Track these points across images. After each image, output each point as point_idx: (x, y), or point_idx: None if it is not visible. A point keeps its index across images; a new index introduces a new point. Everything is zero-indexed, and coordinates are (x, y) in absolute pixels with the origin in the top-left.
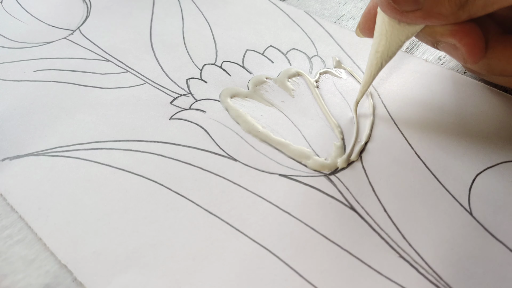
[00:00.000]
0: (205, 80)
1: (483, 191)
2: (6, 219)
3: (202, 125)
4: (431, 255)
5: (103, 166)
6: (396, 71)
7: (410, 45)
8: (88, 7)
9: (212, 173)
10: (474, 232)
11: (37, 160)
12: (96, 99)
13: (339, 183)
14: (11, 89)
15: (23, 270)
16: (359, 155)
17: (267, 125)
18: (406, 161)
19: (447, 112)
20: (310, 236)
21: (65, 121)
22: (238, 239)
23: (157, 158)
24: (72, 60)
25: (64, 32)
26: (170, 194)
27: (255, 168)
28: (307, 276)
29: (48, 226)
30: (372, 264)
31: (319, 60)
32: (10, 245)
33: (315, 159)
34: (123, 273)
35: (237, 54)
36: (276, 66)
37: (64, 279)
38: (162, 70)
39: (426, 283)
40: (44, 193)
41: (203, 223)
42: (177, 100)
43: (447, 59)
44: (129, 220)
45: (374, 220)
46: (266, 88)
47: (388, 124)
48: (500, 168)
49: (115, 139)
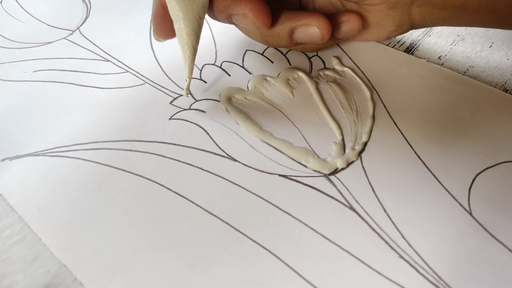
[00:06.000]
0: (204, 80)
1: (483, 191)
2: (6, 219)
3: (202, 125)
4: (431, 255)
5: (103, 166)
6: (396, 71)
7: (410, 45)
8: (88, 7)
9: (212, 173)
10: (473, 232)
11: (37, 160)
12: (95, 99)
13: (339, 183)
14: (11, 89)
15: (23, 270)
16: (358, 155)
17: (267, 125)
18: (406, 161)
19: (447, 112)
20: (310, 236)
21: (64, 121)
22: (238, 239)
23: (157, 158)
24: (72, 60)
25: (64, 32)
26: (170, 194)
27: (255, 168)
28: (307, 276)
29: (48, 226)
30: (372, 264)
31: (319, 60)
32: (10, 245)
33: (315, 159)
34: (123, 273)
35: (237, 54)
36: (276, 66)
37: (64, 279)
38: (162, 70)
39: (426, 283)
40: (44, 193)
41: (203, 223)
42: (177, 100)
43: (447, 59)
44: (129, 220)
45: (374, 220)
46: (266, 88)
47: (388, 124)
48: (500, 168)
49: (115, 139)
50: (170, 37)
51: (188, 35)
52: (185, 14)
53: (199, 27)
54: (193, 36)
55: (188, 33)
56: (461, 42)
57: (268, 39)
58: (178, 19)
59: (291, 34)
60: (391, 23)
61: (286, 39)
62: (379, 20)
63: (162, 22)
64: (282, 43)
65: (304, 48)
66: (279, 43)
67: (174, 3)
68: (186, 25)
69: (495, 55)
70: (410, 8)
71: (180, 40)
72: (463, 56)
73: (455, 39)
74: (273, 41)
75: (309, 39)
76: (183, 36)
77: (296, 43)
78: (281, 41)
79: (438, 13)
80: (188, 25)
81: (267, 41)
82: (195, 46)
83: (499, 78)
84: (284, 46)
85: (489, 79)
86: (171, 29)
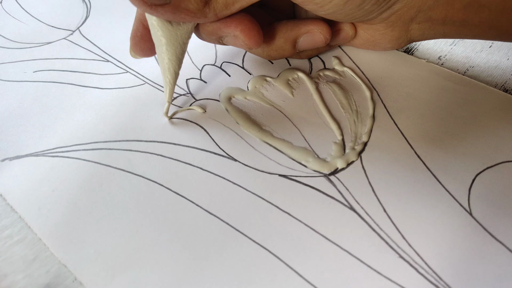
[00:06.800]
0: (204, 81)
1: (483, 191)
2: (6, 219)
3: (202, 125)
4: (431, 255)
5: (103, 166)
6: (396, 71)
7: (410, 45)
8: (88, 7)
9: (212, 173)
10: (473, 232)
11: (37, 160)
12: (96, 100)
13: (339, 184)
14: (11, 90)
15: (23, 270)
16: (358, 155)
17: (267, 125)
18: (406, 161)
19: (447, 112)
20: (310, 236)
21: (65, 122)
22: (238, 239)
23: (157, 158)
24: (72, 61)
25: (64, 32)
26: (170, 194)
27: (255, 168)
28: (307, 276)
29: (48, 226)
30: (372, 264)
31: (319, 60)
32: (10, 245)
33: (315, 159)
34: (123, 273)
35: (237, 55)
36: (276, 67)
37: (64, 279)
38: None
39: (426, 283)
40: (44, 193)
41: (203, 223)
42: (176, 99)
43: (447, 59)
44: (129, 220)
45: (374, 221)
46: (266, 88)
47: (388, 124)
48: (500, 168)
49: (115, 139)
50: (148, 56)
51: (170, 60)
52: (169, 40)
53: (182, 52)
54: (175, 62)
55: (170, 59)
56: (461, 42)
57: (271, 53)
58: (160, 44)
59: (294, 44)
60: (388, 41)
61: (289, 50)
62: (376, 38)
63: (142, 41)
64: (285, 54)
65: (299, 56)
66: (282, 55)
67: (158, 28)
68: (169, 50)
69: (495, 55)
70: (409, 26)
71: (162, 65)
72: (463, 56)
73: (455, 40)
74: (276, 54)
75: (312, 45)
76: (164, 61)
77: (299, 52)
78: (284, 52)
79: (439, 28)
80: (171, 51)
81: (270, 55)
82: (177, 71)
83: (499, 78)
84: (287, 57)
85: (489, 79)
86: (150, 48)
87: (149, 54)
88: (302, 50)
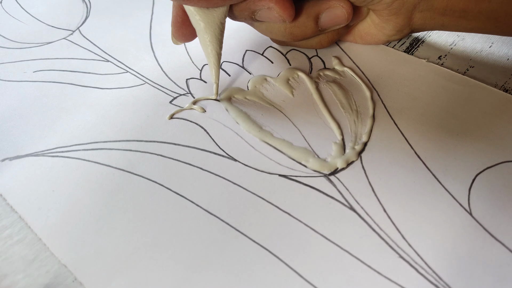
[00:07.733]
0: (204, 80)
1: (482, 191)
2: (6, 219)
3: (202, 125)
4: (431, 255)
5: (103, 166)
6: (396, 71)
7: (410, 45)
8: (88, 7)
9: (212, 173)
10: (473, 232)
11: (37, 160)
12: (95, 100)
13: (339, 184)
14: (11, 90)
15: (23, 270)
16: (358, 155)
17: (267, 125)
18: (406, 161)
19: (447, 112)
20: (310, 236)
21: (65, 122)
22: (238, 239)
23: (157, 158)
24: (72, 61)
25: (64, 32)
26: (170, 194)
27: (255, 168)
28: (307, 276)
29: (48, 226)
30: (372, 264)
31: (319, 60)
32: (10, 245)
33: (315, 159)
34: (123, 273)
35: (237, 54)
36: (276, 66)
37: (64, 279)
38: (162, 70)
39: (426, 283)
40: (44, 193)
41: (203, 223)
42: (176, 99)
43: (447, 59)
44: (129, 220)
45: (374, 221)
46: (266, 88)
47: (388, 124)
48: (500, 168)
49: (115, 139)
50: (189, 41)
51: (211, 42)
52: (206, 23)
53: (221, 32)
54: (216, 43)
55: (211, 41)
56: (461, 42)
57: (293, 31)
58: (200, 28)
59: (316, 21)
60: (392, 28)
61: (312, 27)
62: (380, 25)
63: (182, 27)
64: (307, 32)
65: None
66: (304, 33)
67: (195, 13)
68: (208, 33)
69: (495, 55)
70: (412, 14)
71: (204, 48)
72: (463, 56)
73: (455, 39)
74: (298, 32)
75: (334, 21)
76: (206, 44)
77: (321, 29)
78: (307, 30)
79: (438, 18)
80: (210, 33)
81: (292, 33)
82: (219, 52)
83: (499, 78)
84: (309, 36)
85: (489, 79)
86: (191, 33)
87: (190, 38)
88: (324, 29)
